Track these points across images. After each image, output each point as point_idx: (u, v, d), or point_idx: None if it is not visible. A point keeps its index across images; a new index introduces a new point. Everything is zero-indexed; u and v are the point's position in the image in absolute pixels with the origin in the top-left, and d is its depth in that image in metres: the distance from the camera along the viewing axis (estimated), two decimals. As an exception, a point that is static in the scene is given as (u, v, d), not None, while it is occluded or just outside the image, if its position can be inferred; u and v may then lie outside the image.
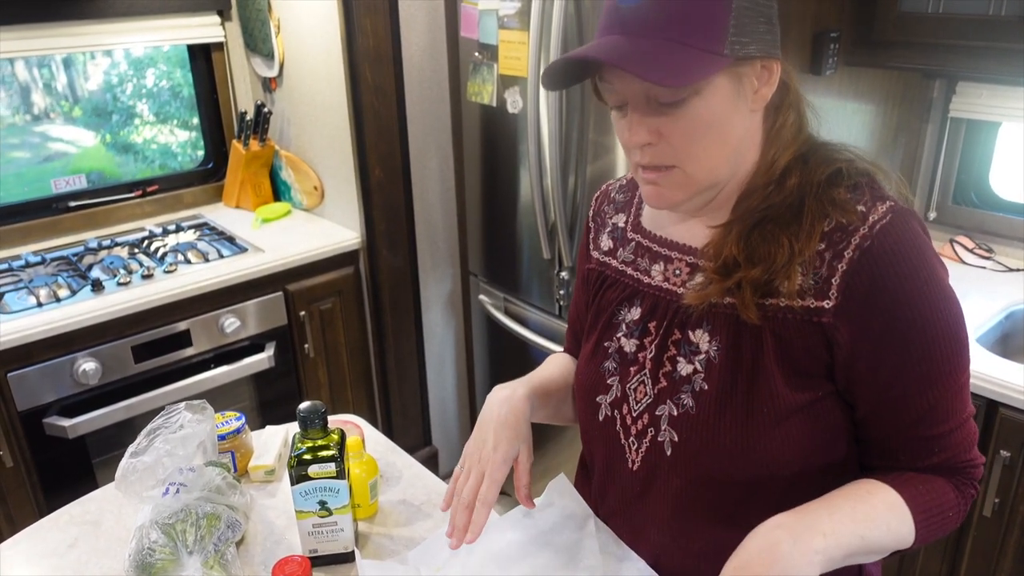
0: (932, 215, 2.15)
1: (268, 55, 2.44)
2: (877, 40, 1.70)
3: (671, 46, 0.77)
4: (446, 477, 2.82)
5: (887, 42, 1.69)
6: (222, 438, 1.24)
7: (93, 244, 2.29)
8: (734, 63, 0.80)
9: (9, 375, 1.83)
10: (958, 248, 2.01)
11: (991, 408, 1.50)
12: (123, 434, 2.02)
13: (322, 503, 1.04)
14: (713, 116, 0.81)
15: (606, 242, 1.06)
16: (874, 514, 0.81)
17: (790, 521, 0.77)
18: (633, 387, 0.96)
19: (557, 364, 1.17)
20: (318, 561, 1.08)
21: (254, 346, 2.22)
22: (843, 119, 1.84)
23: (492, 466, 0.95)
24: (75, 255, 2.23)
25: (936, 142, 2.10)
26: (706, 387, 0.88)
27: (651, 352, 0.94)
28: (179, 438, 1.05)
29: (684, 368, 0.91)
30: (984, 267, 1.97)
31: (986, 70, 1.58)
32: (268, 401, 2.30)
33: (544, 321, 2.21)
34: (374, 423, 2.58)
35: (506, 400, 1.00)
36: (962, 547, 1.61)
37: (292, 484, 1.03)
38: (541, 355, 2.22)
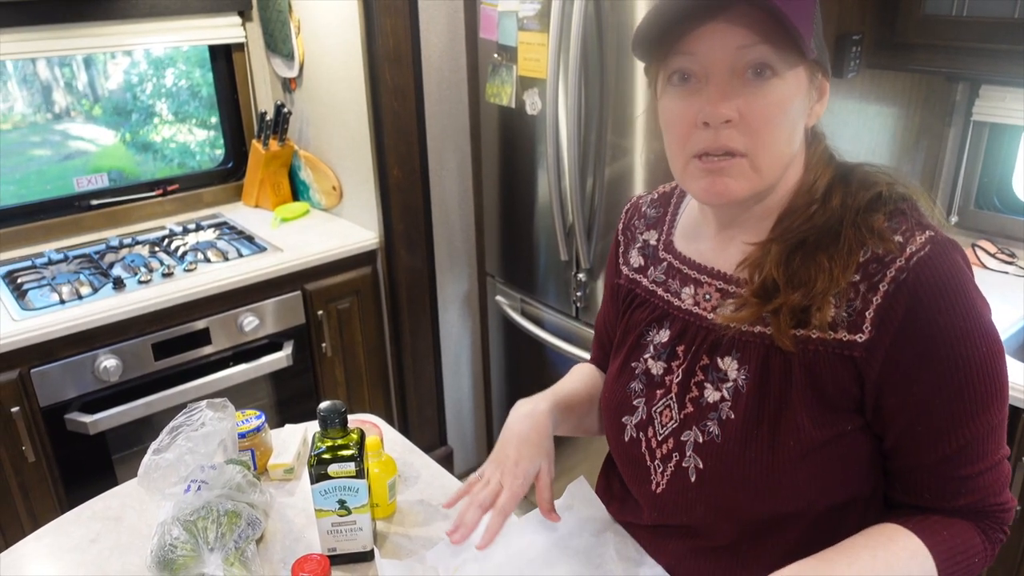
0: (954, 219, 2.13)
1: (288, 56, 2.46)
2: (899, 43, 1.69)
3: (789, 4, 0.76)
4: (461, 477, 2.82)
5: (910, 45, 1.68)
6: (242, 436, 1.25)
7: (115, 242, 2.31)
8: (812, 64, 0.81)
9: (32, 371, 1.85)
10: (980, 253, 1.99)
11: (1014, 414, 1.48)
12: (143, 431, 2.04)
13: (341, 502, 1.05)
14: (789, 105, 0.80)
15: (636, 258, 1.04)
16: (894, 561, 0.79)
17: (807, 569, 0.76)
18: (659, 410, 0.95)
19: (581, 376, 1.16)
20: (337, 560, 1.09)
21: (272, 344, 2.24)
22: (865, 122, 1.83)
23: (513, 479, 0.96)
24: (97, 253, 2.26)
25: (959, 145, 2.08)
26: (732, 416, 0.87)
27: (678, 376, 0.93)
28: (201, 436, 1.06)
29: (711, 395, 0.89)
30: (1007, 272, 1.94)
31: (1010, 73, 1.56)
32: (285, 399, 2.32)
33: (560, 322, 2.21)
34: (390, 422, 2.58)
35: (528, 415, 1.01)
36: (982, 555, 1.60)
37: (312, 483, 1.04)
38: (557, 356, 2.22)
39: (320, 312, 2.29)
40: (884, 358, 0.79)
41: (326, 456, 1.03)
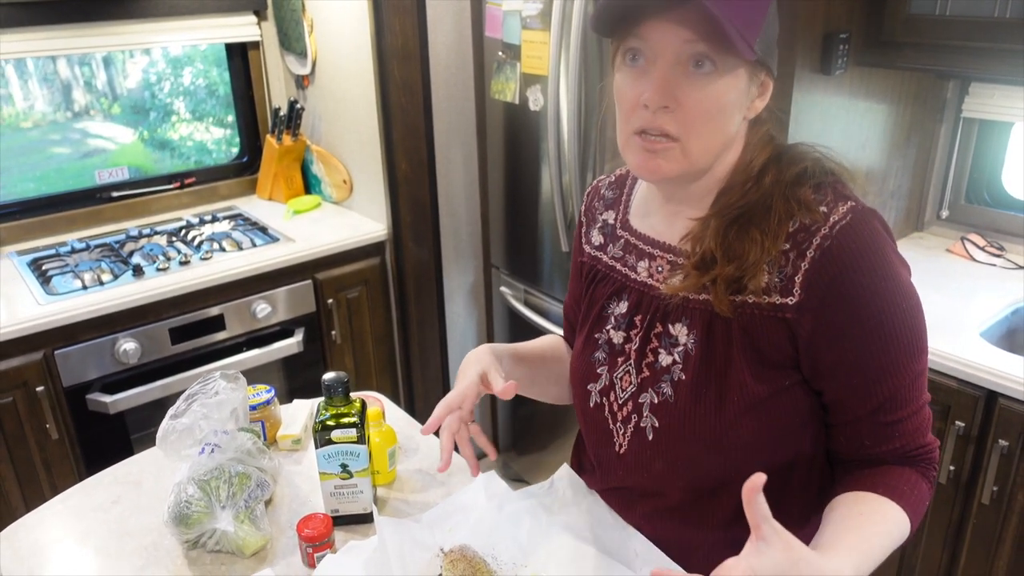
0: (945, 213, 2.18)
1: (301, 53, 2.55)
2: (887, 41, 1.75)
3: (731, 10, 0.81)
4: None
5: (896, 43, 1.73)
6: (253, 408, 1.33)
7: (134, 232, 2.41)
8: (755, 64, 0.87)
9: (56, 352, 1.95)
10: (969, 246, 2.04)
11: (991, 398, 1.54)
12: (159, 412, 2.10)
13: (344, 466, 1.13)
14: (726, 100, 0.87)
15: (597, 237, 1.11)
16: (890, 541, 0.86)
17: (852, 557, 0.79)
18: (619, 376, 1.02)
19: (542, 339, 1.25)
20: (339, 521, 1.16)
21: (284, 331, 2.33)
22: (854, 118, 1.88)
23: (463, 385, 1.00)
24: (117, 242, 2.35)
25: (949, 142, 2.13)
26: (683, 377, 0.95)
27: (636, 344, 1.01)
28: (215, 403, 1.14)
29: (664, 359, 0.97)
30: (994, 265, 1.99)
31: (991, 71, 1.62)
32: (296, 385, 2.40)
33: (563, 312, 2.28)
34: (397, 409, 2.67)
35: (472, 352, 1.08)
36: (962, 535, 1.66)
37: (316, 448, 1.12)
38: (558, 345, 2.29)
39: (330, 301, 2.38)
40: (814, 318, 0.87)
41: (330, 423, 1.11)
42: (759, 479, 0.73)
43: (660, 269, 1.00)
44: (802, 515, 1.00)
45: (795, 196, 0.89)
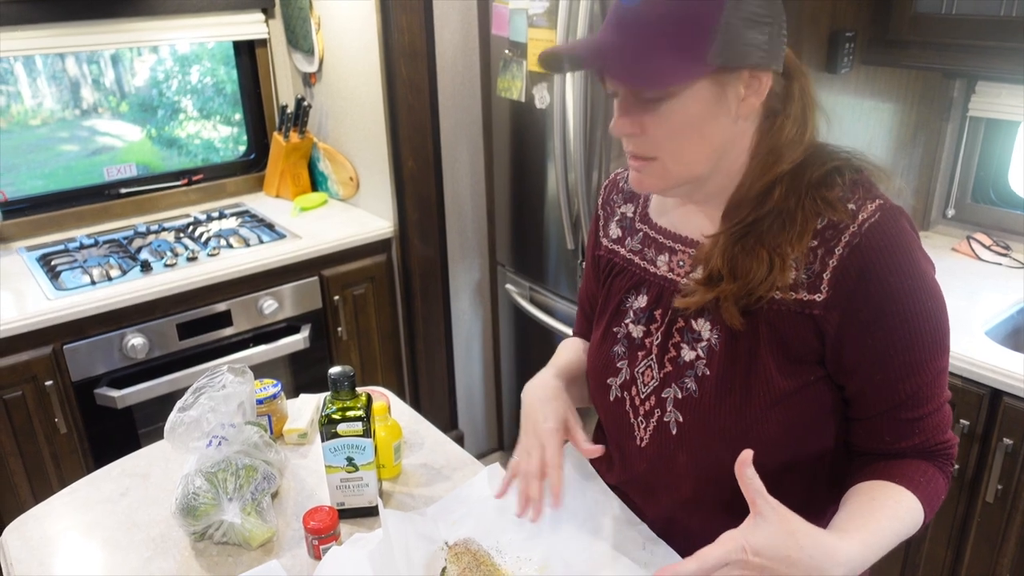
0: (951, 212, 2.18)
1: (308, 51, 2.56)
2: (893, 40, 1.75)
3: (655, 49, 0.83)
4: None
5: (902, 42, 1.74)
6: (260, 402, 1.34)
7: (142, 228, 2.42)
8: (717, 71, 0.84)
9: (65, 347, 1.96)
10: (975, 245, 2.04)
11: (995, 397, 1.55)
12: (167, 407, 2.11)
13: (349, 459, 1.14)
14: (690, 118, 0.86)
15: (615, 230, 1.12)
16: (901, 525, 0.87)
17: (857, 540, 0.80)
18: (641, 371, 1.03)
19: (573, 349, 1.23)
20: (345, 514, 1.17)
21: (290, 327, 2.34)
22: (860, 116, 1.89)
23: (548, 436, 1.03)
24: (125, 238, 2.37)
25: (956, 141, 2.13)
26: (708, 373, 0.95)
27: (657, 338, 1.01)
28: (222, 396, 1.15)
29: (687, 354, 0.97)
30: (1000, 264, 1.99)
31: (997, 69, 1.62)
32: (302, 382, 2.41)
33: (568, 310, 2.28)
34: (403, 406, 2.68)
35: (540, 385, 1.10)
36: (966, 533, 1.66)
37: (323, 441, 1.13)
38: (563, 342, 2.30)
39: (336, 297, 2.39)
40: (841, 315, 0.88)
41: (336, 416, 1.12)
42: (747, 455, 0.76)
43: (681, 263, 1.00)
44: (822, 507, 1.00)
45: (821, 195, 0.88)
